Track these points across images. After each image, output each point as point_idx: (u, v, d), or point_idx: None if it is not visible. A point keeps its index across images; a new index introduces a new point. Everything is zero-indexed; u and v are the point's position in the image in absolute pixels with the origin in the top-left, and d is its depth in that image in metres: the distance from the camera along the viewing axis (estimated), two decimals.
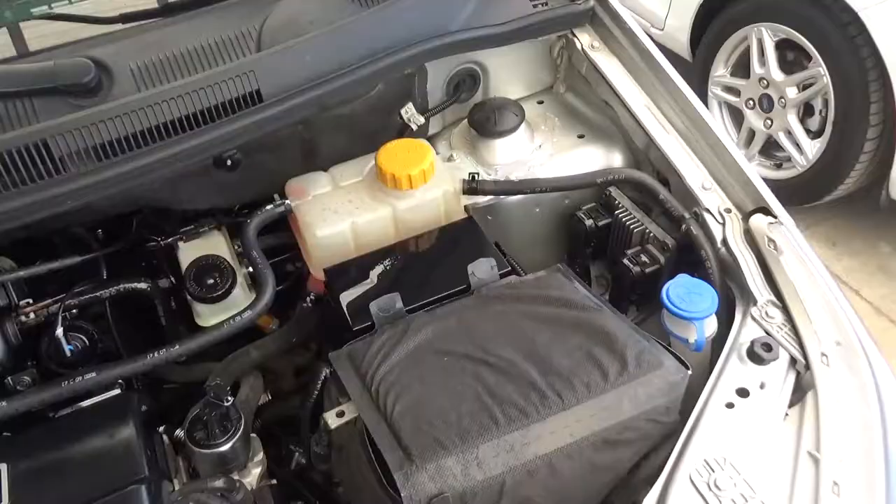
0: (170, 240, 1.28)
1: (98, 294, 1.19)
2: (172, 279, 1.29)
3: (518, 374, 0.90)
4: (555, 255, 1.37)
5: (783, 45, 2.41)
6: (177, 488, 1.01)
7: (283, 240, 1.32)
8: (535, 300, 1.03)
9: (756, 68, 2.49)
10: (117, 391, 1.12)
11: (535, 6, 1.35)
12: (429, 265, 1.17)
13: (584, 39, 1.38)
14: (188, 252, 1.26)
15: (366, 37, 1.19)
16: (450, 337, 0.98)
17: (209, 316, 1.21)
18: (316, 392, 1.13)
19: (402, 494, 0.78)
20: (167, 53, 1.12)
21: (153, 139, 1.07)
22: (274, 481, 1.12)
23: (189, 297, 1.20)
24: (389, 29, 1.21)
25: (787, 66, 2.43)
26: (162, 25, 1.26)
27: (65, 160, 1.03)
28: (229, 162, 1.19)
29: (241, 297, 1.23)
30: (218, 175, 1.21)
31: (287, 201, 1.21)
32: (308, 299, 1.28)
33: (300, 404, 1.17)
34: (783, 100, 2.44)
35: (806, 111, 2.44)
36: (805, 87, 2.37)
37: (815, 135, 2.42)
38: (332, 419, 0.96)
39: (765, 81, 2.48)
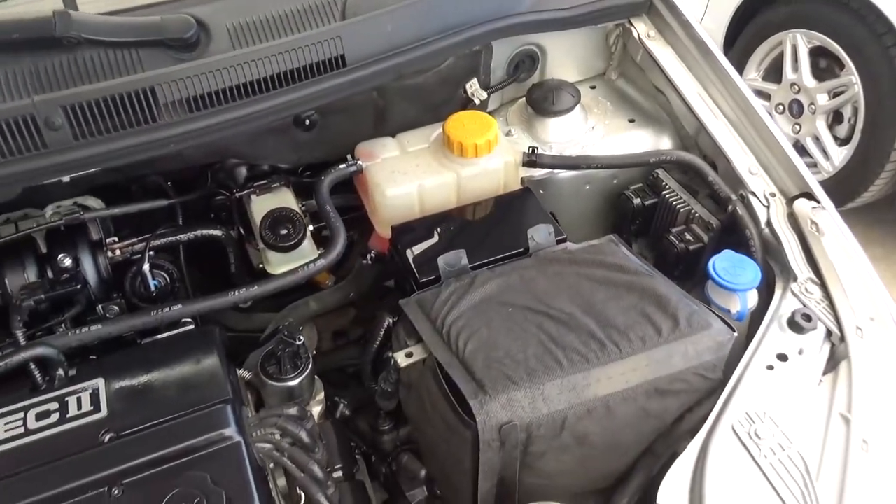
0: (243, 193, 1.37)
1: (178, 238, 1.28)
2: (241, 230, 1.38)
3: (578, 325, 0.99)
4: (600, 231, 1.44)
5: (816, 52, 2.48)
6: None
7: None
8: (591, 264, 1.11)
9: (788, 74, 2.56)
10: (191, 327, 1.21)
11: None
12: (489, 228, 1.25)
13: (641, 28, 1.46)
14: (260, 205, 1.35)
15: (442, 13, 1.27)
16: (512, 291, 1.06)
17: (278, 264, 1.30)
18: (378, 339, 1.23)
19: (476, 419, 0.86)
20: (259, 16, 1.20)
21: (243, 95, 1.16)
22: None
23: (262, 245, 1.29)
24: (463, 7, 1.29)
25: (819, 73, 2.50)
26: None
27: (168, 108, 1.12)
28: (307, 122, 1.27)
29: (308, 249, 1.31)
30: (295, 133, 1.29)
31: (359, 161, 1.29)
32: (368, 257, 1.37)
33: (362, 350, 1.26)
34: (813, 106, 2.51)
35: (835, 118, 2.51)
36: (836, 95, 2.44)
37: (842, 142, 2.49)
38: (401, 359, 1.05)
39: (796, 87, 2.55)
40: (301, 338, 1.15)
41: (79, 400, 1.02)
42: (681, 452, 0.94)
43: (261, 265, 1.35)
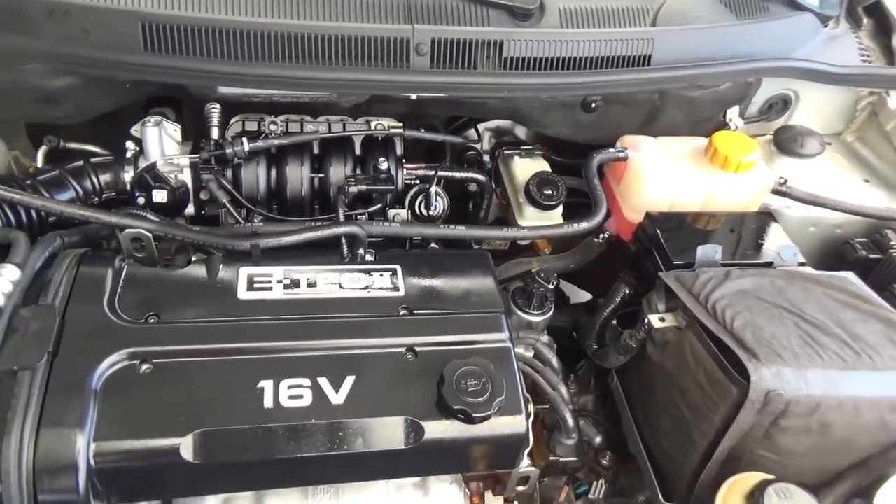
0: (509, 152, 1.55)
1: (453, 174, 1.47)
2: (494, 185, 1.56)
3: (831, 332, 1.10)
4: None
5: None
6: None
7: None
8: (835, 288, 1.22)
9: None
10: None
11: (863, 61, 1.55)
12: (735, 238, 1.38)
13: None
14: (522, 165, 1.53)
15: (736, 41, 1.42)
16: (765, 291, 1.19)
17: (531, 218, 1.47)
18: (612, 305, 1.37)
19: (750, 379, 0.99)
20: (586, 6, 1.38)
21: (557, 67, 1.34)
22: None
23: (522, 199, 1.46)
24: (754, 41, 1.44)
25: None
26: None
27: (486, 62, 1.32)
28: (593, 105, 1.45)
29: (557, 213, 1.48)
30: (578, 113, 1.47)
31: (627, 150, 1.45)
32: (601, 236, 1.53)
33: (589, 312, 1.41)
34: None
35: None
36: None
37: None
38: (655, 321, 1.19)
39: None
40: (554, 282, 1.31)
41: (381, 276, 1.21)
42: (889, 476, 1.03)
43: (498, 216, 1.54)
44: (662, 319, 1.19)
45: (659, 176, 1.42)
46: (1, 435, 0.90)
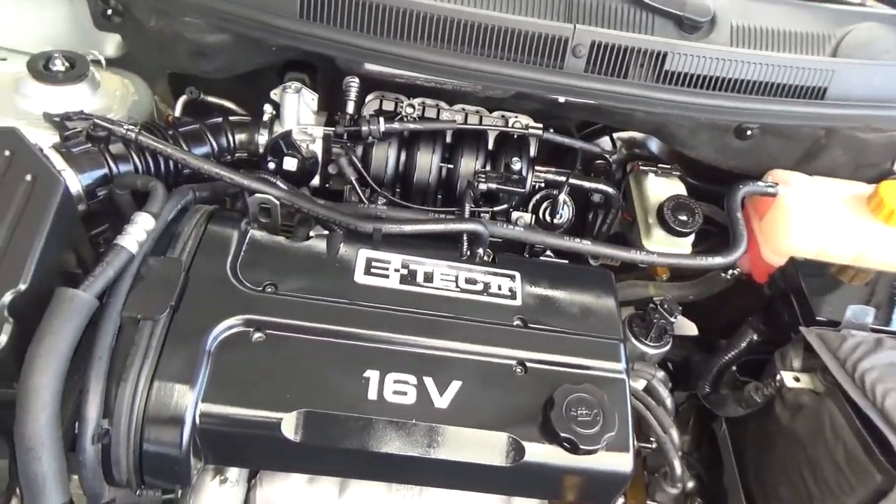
0: (644, 167, 1.47)
1: (582, 183, 1.40)
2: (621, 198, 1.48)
3: None
4: None
5: None
6: None
7: None
8: None
9: None
10: None
11: None
12: (888, 299, 1.25)
13: None
14: (655, 185, 1.44)
15: None
16: None
17: (657, 242, 1.37)
18: (736, 350, 1.28)
19: None
20: (761, 25, 1.27)
21: (720, 87, 1.24)
22: None
23: (652, 220, 1.37)
24: None
25: None
26: None
27: (640, 71, 1.23)
28: (749, 132, 1.33)
29: (686, 241, 1.38)
30: (729, 138, 1.36)
31: (778, 186, 1.34)
32: (729, 273, 1.42)
33: (707, 353, 1.32)
34: None
35: None
36: None
37: None
38: (789, 380, 1.09)
39: None
40: (677, 316, 1.23)
41: (500, 282, 1.16)
42: None
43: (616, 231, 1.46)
44: (797, 379, 1.09)
45: (810, 219, 1.29)
46: (118, 380, 0.92)
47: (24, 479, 0.85)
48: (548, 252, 1.33)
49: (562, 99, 1.22)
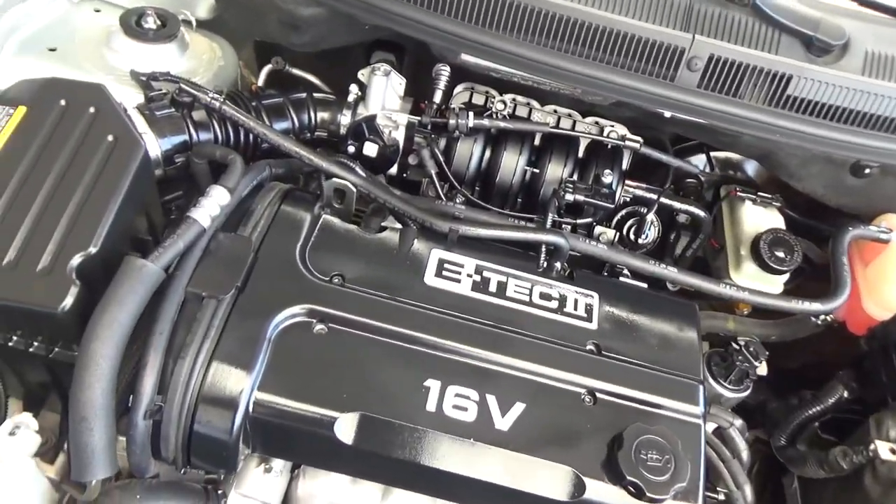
0: (742, 194, 1.36)
1: (673, 203, 1.31)
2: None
3: None
4: None
5: None
6: None
7: None
8: None
9: None
10: None
11: None
12: None
13: None
14: (752, 213, 1.34)
15: None
16: None
17: (747, 276, 1.28)
18: (823, 405, 1.18)
19: None
20: None
21: (846, 120, 1.13)
22: None
23: (745, 252, 1.27)
24: None
25: None
26: None
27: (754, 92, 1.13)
28: (867, 170, 1.22)
29: (779, 280, 1.28)
30: (843, 174, 1.24)
31: (892, 232, 1.22)
32: (821, 318, 1.31)
33: (804, 405, 1.22)
34: None
35: None
36: None
37: None
38: (884, 451, 0.99)
39: None
40: (762, 362, 1.14)
41: (576, 301, 1.09)
42: None
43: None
44: (894, 451, 0.99)
45: None
46: (177, 357, 0.89)
47: (74, 447, 0.83)
48: (625, 271, 1.25)
49: (668, 114, 1.13)
